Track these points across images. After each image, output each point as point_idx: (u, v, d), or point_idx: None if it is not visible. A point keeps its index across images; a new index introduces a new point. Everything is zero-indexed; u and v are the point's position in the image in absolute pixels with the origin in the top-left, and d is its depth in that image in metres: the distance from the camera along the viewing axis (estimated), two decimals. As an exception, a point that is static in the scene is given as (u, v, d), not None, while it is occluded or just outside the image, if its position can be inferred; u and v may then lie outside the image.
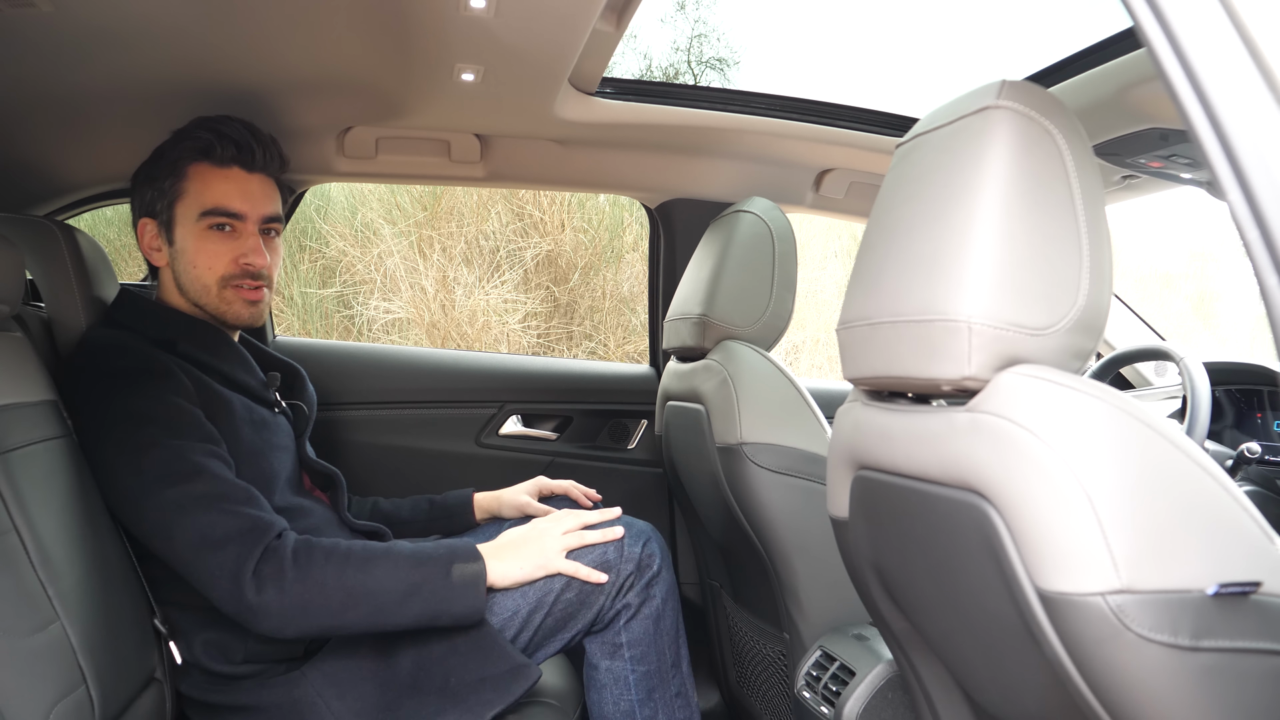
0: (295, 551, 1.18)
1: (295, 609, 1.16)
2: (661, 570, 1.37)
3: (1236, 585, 0.65)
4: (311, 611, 1.17)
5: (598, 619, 1.35)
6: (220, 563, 1.15)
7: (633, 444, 2.11)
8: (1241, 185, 0.57)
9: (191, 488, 1.18)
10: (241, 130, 1.37)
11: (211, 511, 1.17)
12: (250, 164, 1.38)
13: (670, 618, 1.39)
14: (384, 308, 4.91)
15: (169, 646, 1.27)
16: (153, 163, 1.38)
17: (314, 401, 1.57)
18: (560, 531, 1.32)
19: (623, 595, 1.34)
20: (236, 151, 1.36)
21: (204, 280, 1.36)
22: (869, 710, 1.23)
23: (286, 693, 1.23)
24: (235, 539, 1.16)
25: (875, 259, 0.87)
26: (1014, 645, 0.76)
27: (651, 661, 1.37)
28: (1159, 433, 0.68)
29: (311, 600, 1.16)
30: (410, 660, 1.26)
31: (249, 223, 1.37)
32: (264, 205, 1.39)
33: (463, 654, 1.26)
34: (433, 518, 1.61)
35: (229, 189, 1.36)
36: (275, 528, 1.20)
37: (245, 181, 1.37)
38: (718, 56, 9.31)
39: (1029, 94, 0.76)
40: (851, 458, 0.96)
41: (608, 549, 1.33)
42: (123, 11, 1.13)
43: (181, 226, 1.36)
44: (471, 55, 1.34)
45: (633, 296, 5.22)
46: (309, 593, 1.16)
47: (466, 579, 1.23)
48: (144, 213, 1.39)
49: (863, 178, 1.92)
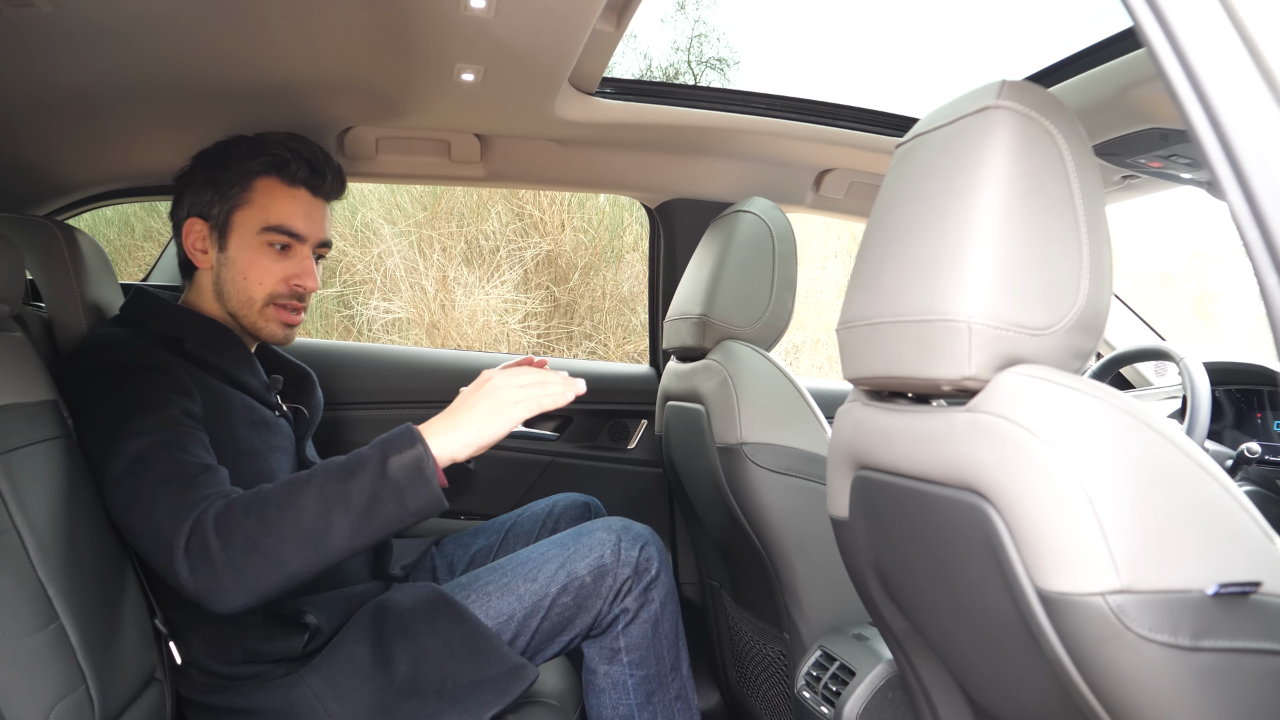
0: (216, 517, 1.07)
1: (234, 577, 1.05)
2: (660, 574, 1.36)
3: (1236, 585, 0.65)
4: (250, 573, 1.05)
5: (595, 623, 1.34)
6: (160, 553, 1.09)
7: (633, 444, 2.11)
8: (1241, 185, 0.57)
9: (149, 474, 1.12)
10: (318, 153, 1.39)
11: (159, 496, 1.10)
12: (319, 188, 1.39)
13: (669, 621, 1.39)
14: (384, 308, 4.91)
15: (169, 646, 1.27)
16: (217, 165, 1.37)
17: (319, 406, 1.56)
18: (516, 383, 1.13)
19: (620, 599, 1.34)
20: (309, 173, 1.37)
21: (250, 294, 1.36)
22: (869, 710, 1.23)
23: (284, 696, 1.23)
24: (165, 524, 1.08)
25: (875, 259, 0.87)
26: (1014, 645, 0.76)
27: (650, 666, 1.36)
28: (1159, 433, 0.68)
29: (246, 563, 1.05)
30: (407, 663, 1.25)
31: (306, 245, 1.38)
32: (322, 230, 1.41)
33: (459, 656, 1.25)
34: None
35: (295, 209, 1.37)
36: (199, 505, 1.09)
37: (311, 204, 1.39)
38: (718, 56, 9.32)
39: (1029, 94, 0.76)
40: (851, 458, 0.96)
41: (604, 552, 1.33)
42: (123, 11, 1.13)
43: (238, 236, 1.35)
44: (471, 55, 1.34)
45: (633, 296, 5.22)
46: (239, 556, 1.05)
47: (408, 467, 1.08)
48: (196, 212, 1.37)
49: (863, 178, 1.92)
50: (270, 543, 1.05)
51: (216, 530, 1.06)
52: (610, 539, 1.35)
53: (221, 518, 1.07)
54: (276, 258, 1.36)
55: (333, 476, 1.08)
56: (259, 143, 1.37)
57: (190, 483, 1.11)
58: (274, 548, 1.05)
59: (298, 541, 1.06)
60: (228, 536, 1.06)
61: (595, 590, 1.32)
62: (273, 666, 1.26)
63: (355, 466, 1.09)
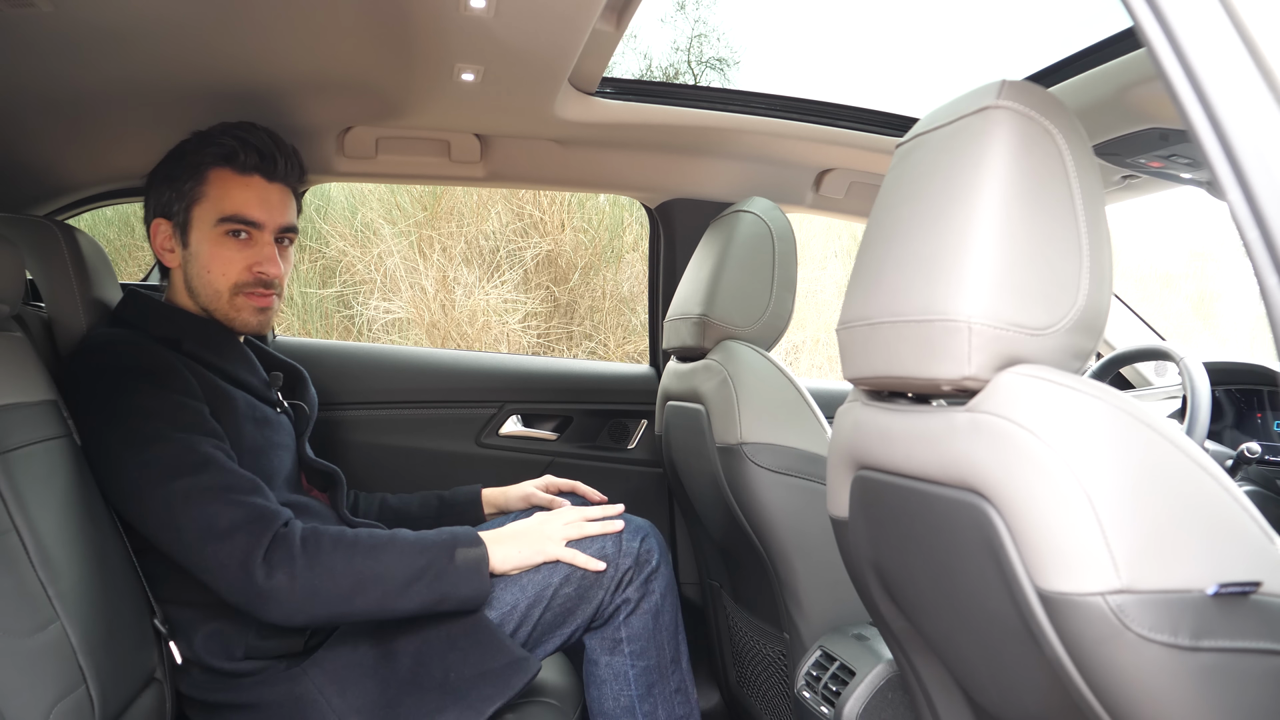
0: (304, 538, 1.19)
1: (306, 594, 1.17)
2: (660, 565, 1.38)
3: (1236, 585, 0.65)
4: (321, 597, 1.18)
5: (597, 614, 1.35)
6: (229, 551, 1.16)
7: (633, 444, 2.11)
8: (1241, 185, 0.57)
9: (198, 479, 1.18)
10: (265, 139, 1.37)
11: (218, 502, 1.18)
12: (272, 173, 1.38)
13: (669, 613, 1.40)
14: (384, 308, 4.91)
15: (169, 646, 1.27)
16: (172, 163, 1.38)
17: (315, 402, 1.57)
18: (561, 522, 1.34)
19: (622, 590, 1.35)
20: (259, 160, 1.36)
21: (216, 286, 1.36)
22: (869, 710, 1.23)
23: (288, 690, 1.24)
24: (243, 528, 1.17)
25: (875, 259, 0.87)
26: (1014, 645, 0.76)
27: (651, 657, 1.37)
28: (1159, 433, 0.68)
29: (321, 585, 1.18)
30: (410, 656, 1.26)
31: (266, 231, 1.37)
32: (282, 215, 1.39)
33: (462, 649, 1.26)
34: (442, 513, 1.62)
35: (249, 197, 1.36)
36: (281, 516, 1.21)
37: (265, 190, 1.37)
38: (718, 56, 9.32)
39: (1029, 94, 0.76)
40: (851, 458, 0.96)
41: (605, 544, 1.34)
42: (123, 11, 1.13)
43: (198, 230, 1.36)
44: (471, 55, 1.34)
45: (633, 296, 5.22)
46: (319, 578, 1.17)
47: (470, 563, 1.25)
48: (159, 213, 1.39)
49: (863, 178, 1.92)
50: (348, 579, 1.19)
51: (304, 548, 1.18)
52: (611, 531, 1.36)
53: (310, 540, 1.20)
54: (238, 247, 1.36)
55: (411, 546, 1.24)
56: (208, 136, 1.37)
57: (253, 493, 1.21)
58: (349, 585, 1.19)
59: (367, 587, 1.20)
60: (314, 557, 1.18)
61: (597, 580, 1.33)
62: (275, 662, 1.27)
63: (430, 545, 1.25)
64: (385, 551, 1.22)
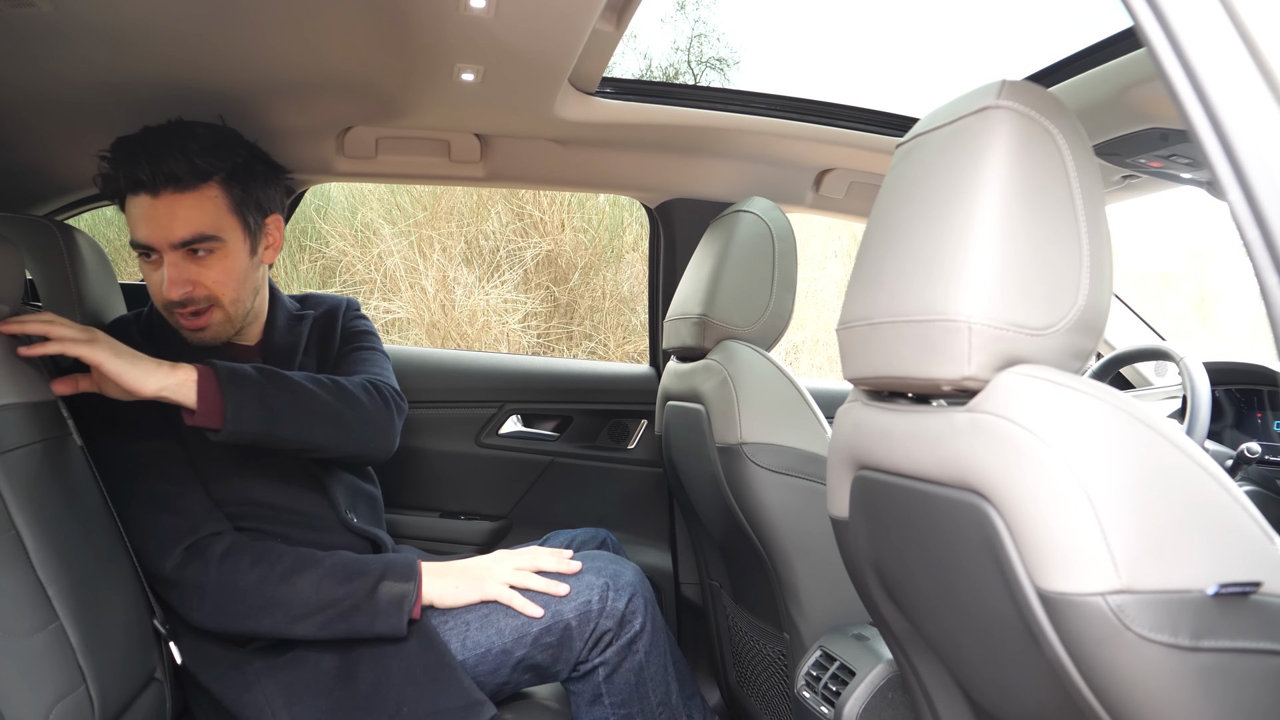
0: (223, 554, 1.25)
1: (213, 609, 1.24)
2: (645, 627, 1.32)
3: (1237, 585, 0.65)
4: (227, 612, 1.24)
5: (575, 666, 1.31)
6: (156, 559, 1.25)
7: (633, 444, 2.11)
8: (1241, 185, 0.57)
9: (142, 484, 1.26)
10: (132, 149, 1.25)
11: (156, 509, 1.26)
12: (150, 185, 1.25)
13: (656, 663, 1.35)
14: (384, 308, 4.91)
15: (169, 646, 1.28)
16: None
17: None
18: (512, 566, 1.33)
19: (601, 651, 1.30)
20: (131, 176, 1.25)
21: (158, 308, 1.35)
22: (869, 710, 1.23)
23: (236, 696, 1.25)
24: (169, 537, 1.25)
25: (875, 259, 0.87)
26: (1014, 645, 0.76)
27: (634, 705, 1.33)
28: (1159, 433, 0.68)
29: (226, 604, 1.23)
30: (368, 683, 1.25)
31: (162, 252, 1.28)
32: (173, 230, 1.26)
33: (420, 684, 1.24)
34: None
35: (136, 218, 1.28)
36: (205, 529, 1.26)
37: (151, 208, 1.26)
38: (718, 56, 9.31)
39: (1029, 94, 0.76)
40: (851, 458, 0.96)
41: (591, 599, 1.29)
42: (122, 11, 1.13)
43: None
44: (471, 55, 1.34)
45: (633, 296, 5.22)
46: (225, 597, 1.23)
47: (392, 598, 1.25)
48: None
49: (863, 178, 1.92)
50: (257, 601, 1.23)
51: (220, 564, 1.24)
52: (598, 584, 1.31)
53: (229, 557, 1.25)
54: (152, 269, 1.31)
55: (334, 575, 1.25)
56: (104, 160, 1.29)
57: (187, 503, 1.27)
58: (257, 606, 1.23)
59: (273, 609, 1.23)
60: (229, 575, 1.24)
61: (579, 632, 1.29)
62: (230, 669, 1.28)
63: (356, 574, 1.26)
64: (303, 576, 1.24)
